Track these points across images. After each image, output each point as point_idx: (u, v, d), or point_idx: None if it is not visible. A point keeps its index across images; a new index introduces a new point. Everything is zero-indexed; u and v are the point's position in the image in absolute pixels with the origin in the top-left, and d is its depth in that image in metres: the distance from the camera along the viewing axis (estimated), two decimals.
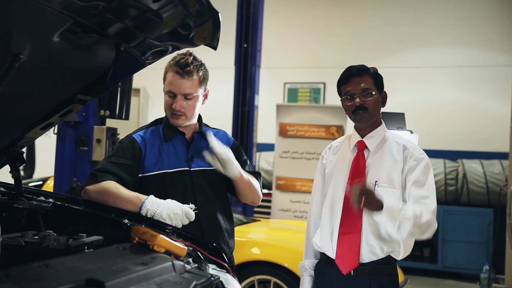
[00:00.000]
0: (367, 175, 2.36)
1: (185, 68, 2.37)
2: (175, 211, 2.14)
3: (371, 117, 2.39)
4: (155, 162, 2.42)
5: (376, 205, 2.17)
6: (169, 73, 2.41)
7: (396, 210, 2.18)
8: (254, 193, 2.58)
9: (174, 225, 2.11)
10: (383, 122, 2.47)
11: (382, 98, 2.43)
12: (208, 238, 2.23)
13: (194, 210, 2.20)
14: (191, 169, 2.45)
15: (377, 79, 2.41)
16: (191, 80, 2.38)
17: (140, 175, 2.41)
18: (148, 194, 2.24)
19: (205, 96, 2.51)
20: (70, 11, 1.64)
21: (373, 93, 2.36)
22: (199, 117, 2.55)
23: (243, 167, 2.53)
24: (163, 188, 2.37)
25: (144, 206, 2.16)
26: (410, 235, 2.25)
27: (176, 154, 2.46)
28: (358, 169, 2.38)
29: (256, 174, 2.65)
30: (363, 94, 2.35)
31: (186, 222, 2.17)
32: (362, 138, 2.43)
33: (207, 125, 2.63)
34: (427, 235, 2.26)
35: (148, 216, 2.14)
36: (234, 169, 2.40)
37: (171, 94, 2.40)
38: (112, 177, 2.30)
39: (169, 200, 2.20)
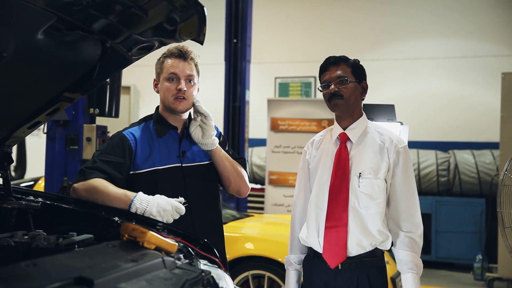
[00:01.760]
0: (350, 167, 2.36)
1: (185, 52, 2.45)
2: (164, 207, 2.13)
3: (347, 105, 2.38)
4: (146, 159, 2.40)
5: None
6: (169, 59, 2.46)
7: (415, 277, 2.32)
8: (239, 178, 2.56)
9: (165, 221, 2.10)
10: (364, 113, 2.47)
11: (362, 88, 2.43)
12: (200, 234, 2.21)
13: (184, 204, 2.18)
14: (183, 165, 2.44)
15: (356, 69, 2.41)
16: (191, 64, 2.47)
17: (131, 172, 2.39)
18: (139, 191, 2.22)
19: (198, 89, 2.53)
20: (53, 7, 1.62)
21: (349, 81, 2.36)
22: (189, 113, 2.55)
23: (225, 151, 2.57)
24: (154, 185, 2.36)
25: (133, 204, 2.15)
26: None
27: (168, 150, 2.45)
28: (341, 161, 2.37)
29: (241, 161, 2.63)
30: (339, 82, 2.36)
31: (177, 216, 2.16)
32: (344, 130, 2.43)
33: None
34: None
35: (138, 213, 2.13)
36: (212, 132, 2.43)
37: (173, 78, 2.43)
38: (101, 174, 2.29)
39: (158, 196, 2.18)
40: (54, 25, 1.70)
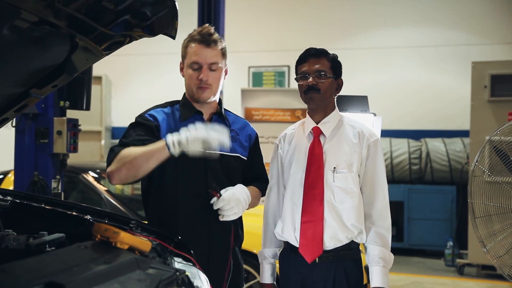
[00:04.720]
0: (324, 161, 2.36)
1: (209, 37, 2.36)
2: (198, 135, 2.08)
3: (322, 100, 2.38)
4: None
5: None
6: (192, 44, 2.36)
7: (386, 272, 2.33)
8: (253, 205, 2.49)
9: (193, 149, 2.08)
10: (336, 107, 2.48)
11: (338, 84, 2.43)
12: (217, 227, 2.31)
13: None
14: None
15: (335, 65, 2.41)
16: (216, 50, 2.37)
17: None
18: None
19: (226, 72, 2.47)
20: (18, 2, 1.57)
21: (328, 76, 2.36)
22: (219, 99, 2.49)
23: (253, 167, 2.51)
24: (175, 166, 2.28)
25: (169, 142, 2.08)
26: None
27: None
28: (314, 156, 2.37)
29: (262, 186, 2.56)
30: (318, 75, 2.35)
31: (200, 147, 2.10)
32: (317, 124, 2.42)
33: (227, 110, 2.55)
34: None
35: (178, 150, 2.08)
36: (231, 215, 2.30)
37: (196, 66, 2.35)
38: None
39: (184, 128, 2.13)
40: (20, 20, 1.65)
